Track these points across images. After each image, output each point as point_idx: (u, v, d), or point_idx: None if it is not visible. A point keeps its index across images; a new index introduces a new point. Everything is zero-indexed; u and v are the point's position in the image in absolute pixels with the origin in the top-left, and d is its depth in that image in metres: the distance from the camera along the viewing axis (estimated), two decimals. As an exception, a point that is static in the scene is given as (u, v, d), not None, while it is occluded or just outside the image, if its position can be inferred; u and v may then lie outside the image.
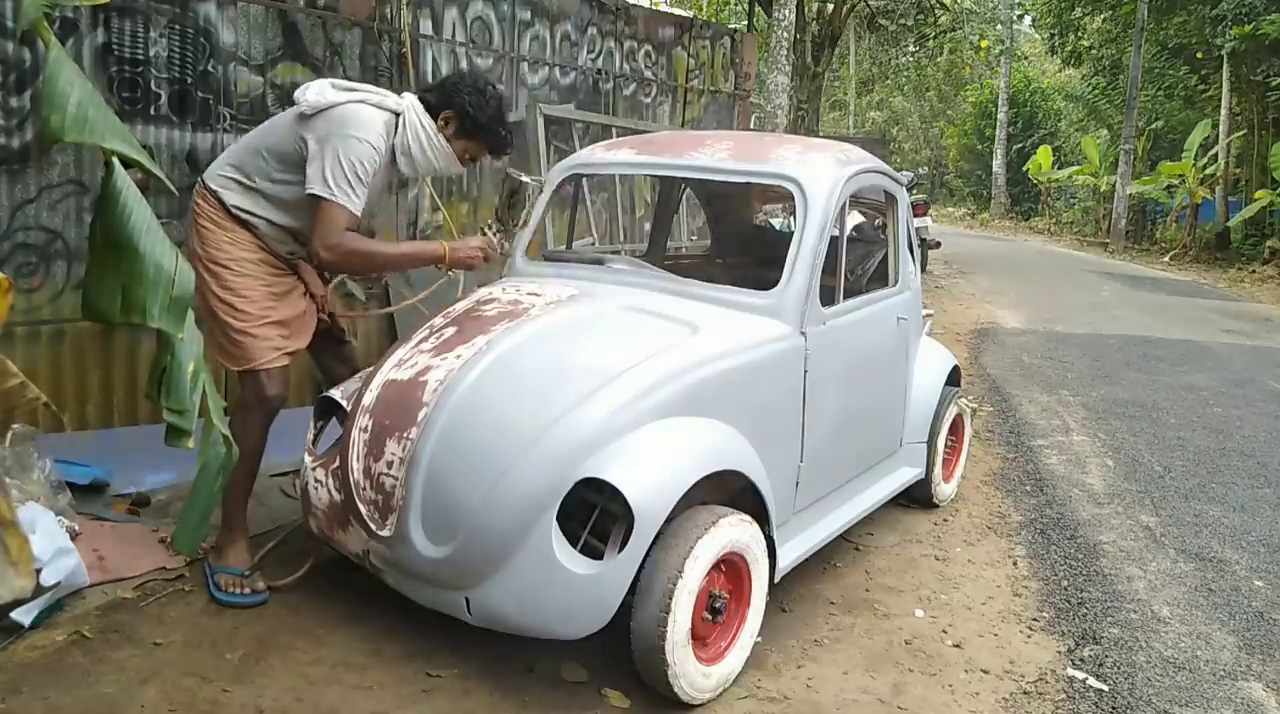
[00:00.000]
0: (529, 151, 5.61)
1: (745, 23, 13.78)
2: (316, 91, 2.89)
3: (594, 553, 2.45)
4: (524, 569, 2.43)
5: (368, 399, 2.75)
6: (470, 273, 3.35)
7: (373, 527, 2.62)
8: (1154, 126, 20.49)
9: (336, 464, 2.78)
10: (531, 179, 3.24)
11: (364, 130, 2.86)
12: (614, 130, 6.13)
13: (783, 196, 4.06)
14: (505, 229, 3.25)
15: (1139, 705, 2.77)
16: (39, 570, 2.63)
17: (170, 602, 2.94)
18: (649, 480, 2.43)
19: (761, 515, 2.76)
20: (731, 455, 2.68)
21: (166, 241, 1.89)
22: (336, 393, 3.04)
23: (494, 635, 2.58)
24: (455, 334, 2.86)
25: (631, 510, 2.35)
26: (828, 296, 3.20)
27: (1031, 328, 9.49)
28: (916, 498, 4.15)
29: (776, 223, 6.24)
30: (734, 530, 2.59)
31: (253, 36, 4.31)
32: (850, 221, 4.09)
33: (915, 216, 4.98)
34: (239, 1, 4.24)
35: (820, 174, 3.22)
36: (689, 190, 4.80)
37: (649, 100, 6.75)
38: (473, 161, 3.18)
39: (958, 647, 3.05)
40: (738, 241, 4.68)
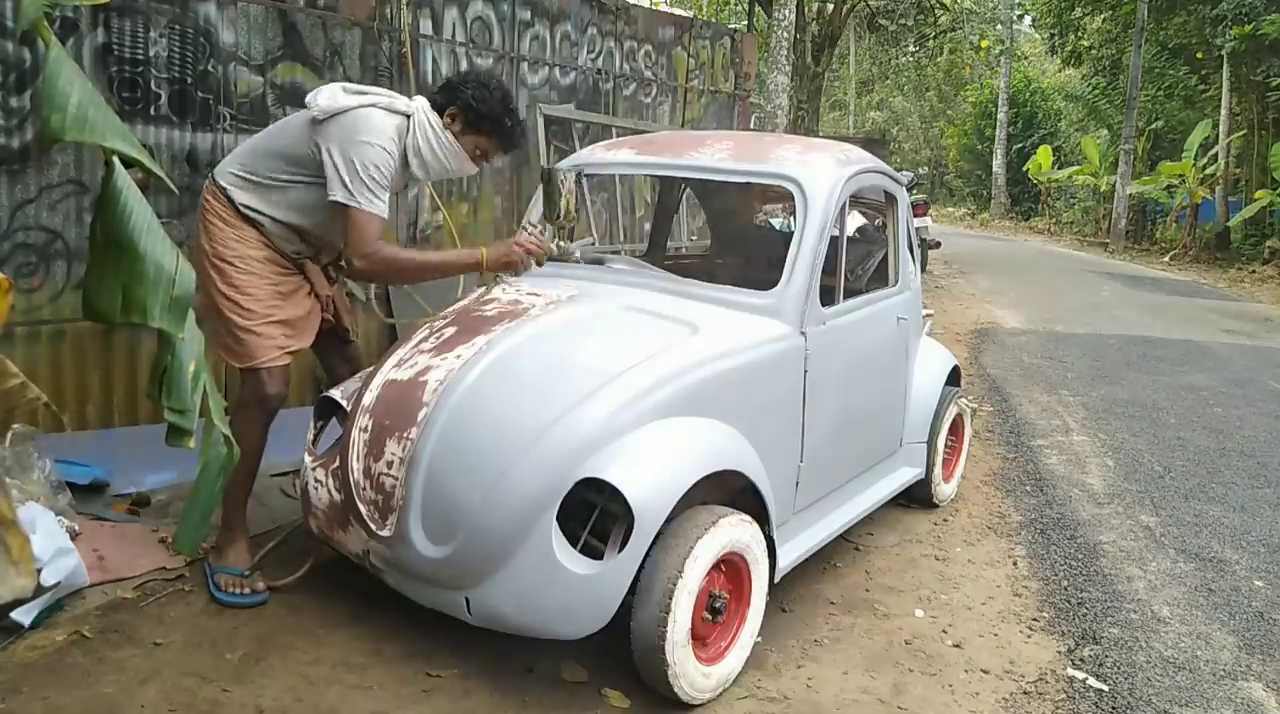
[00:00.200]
0: (529, 152, 5.61)
1: (745, 23, 13.80)
2: (328, 96, 2.89)
3: (594, 553, 2.45)
4: (524, 569, 2.43)
5: (368, 399, 2.76)
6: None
7: (373, 527, 2.62)
8: (1154, 126, 20.49)
9: (336, 464, 2.78)
10: (562, 169, 3.11)
11: (376, 135, 2.87)
12: (614, 130, 6.12)
13: (783, 196, 4.07)
14: (560, 226, 3.03)
15: (1139, 705, 2.77)
16: (39, 570, 2.63)
17: (170, 602, 2.94)
18: (649, 480, 2.43)
19: (761, 515, 2.76)
20: (731, 455, 2.68)
21: (167, 241, 1.89)
22: (336, 393, 3.04)
23: (494, 635, 2.58)
24: (455, 334, 2.86)
25: (631, 510, 2.35)
26: (828, 296, 3.21)
27: (1031, 328, 9.49)
28: (916, 498, 4.16)
29: (776, 223, 6.25)
30: (734, 530, 2.59)
31: (253, 36, 4.31)
32: (852, 223, 4.09)
33: (915, 216, 4.98)
34: (239, 1, 4.24)
35: (820, 174, 3.22)
36: (689, 190, 4.80)
37: (649, 100, 6.75)
38: (486, 159, 3.17)
39: (958, 647, 3.05)
40: (738, 241, 4.68)
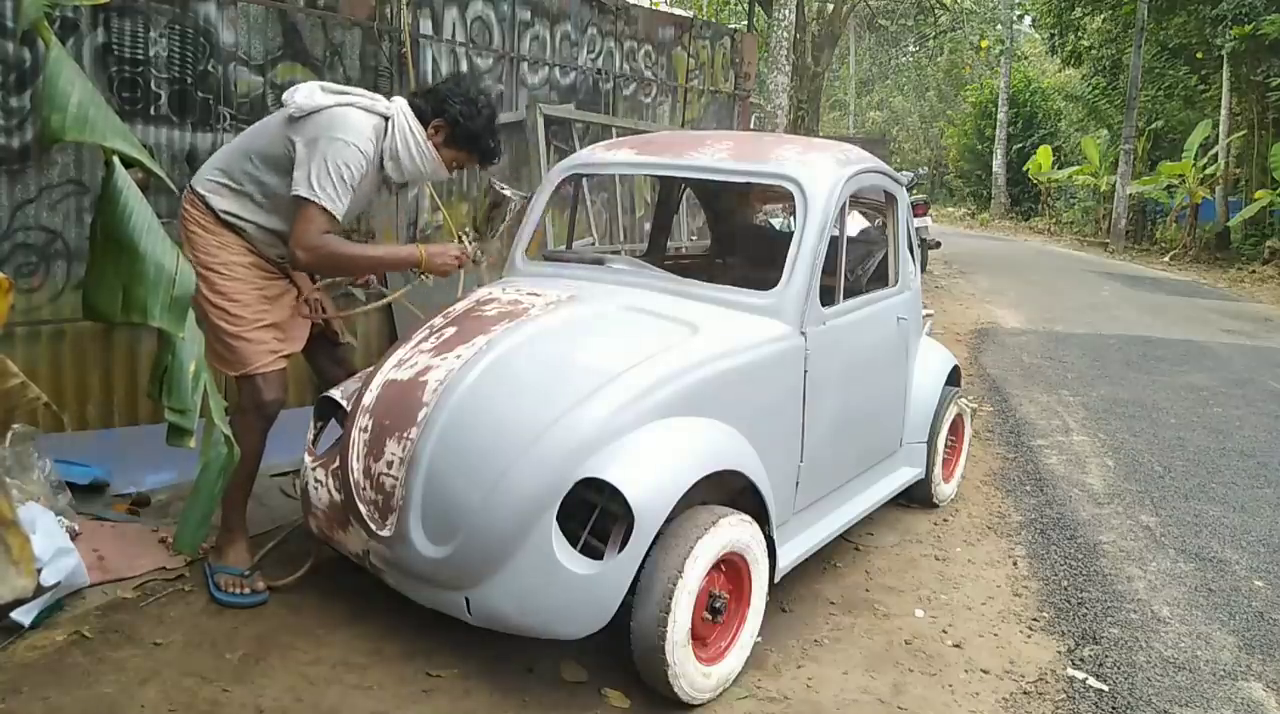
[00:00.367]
0: (529, 152, 5.61)
1: (745, 23, 13.80)
2: (305, 94, 2.87)
3: (594, 553, 2.45)
4: (524, 569, 2.43)
5: (368, 399, 2.76)
6: (461, 276, 3.34)
7: (373, 527, 2.62)
8: (1154, 126, 20.46)
9: (336, 464, 2.78)
10: (515, 194, 3.23)
11: (351, 134, 2.85)
12: (614, 130, 6.12)
13: (783, 196, 4.06)
14: (482, 238, 3.25)
15: (1139, 705, 2.77)
16: (39, 570, 2.63)
17: (170, 602, 2.94)
18: (649, 480, 2.43)
19: (761, 515, 2.76)
20: (731, 455, 2.68)
21: (167, 241, 1.89)
22: (336, 393, 3.04)
23: (494, 635, 2.58)
24: (455, 334, 2.85)
25: (631, 510, 2.35)
26: (828, 296, 3.21)
27: (1031, 328, 9.49)
28: (916, 498, 4.16)
29: (776, 223, 6.25)
30: (734, 530, 2.59)
31: (253, 36, 4.31)
32: (852, 223, 4.09)
33: (915, 216, 4.98)
34: (239, 1, 4.24)
35: (820, 174, 3.22)
36: (689, 190, 4.80)
37: (649, 100, 6.75)
38: (460, 169, 3.18)
39: (958, 647, 3.05)
40: (738, 241, 4.68)
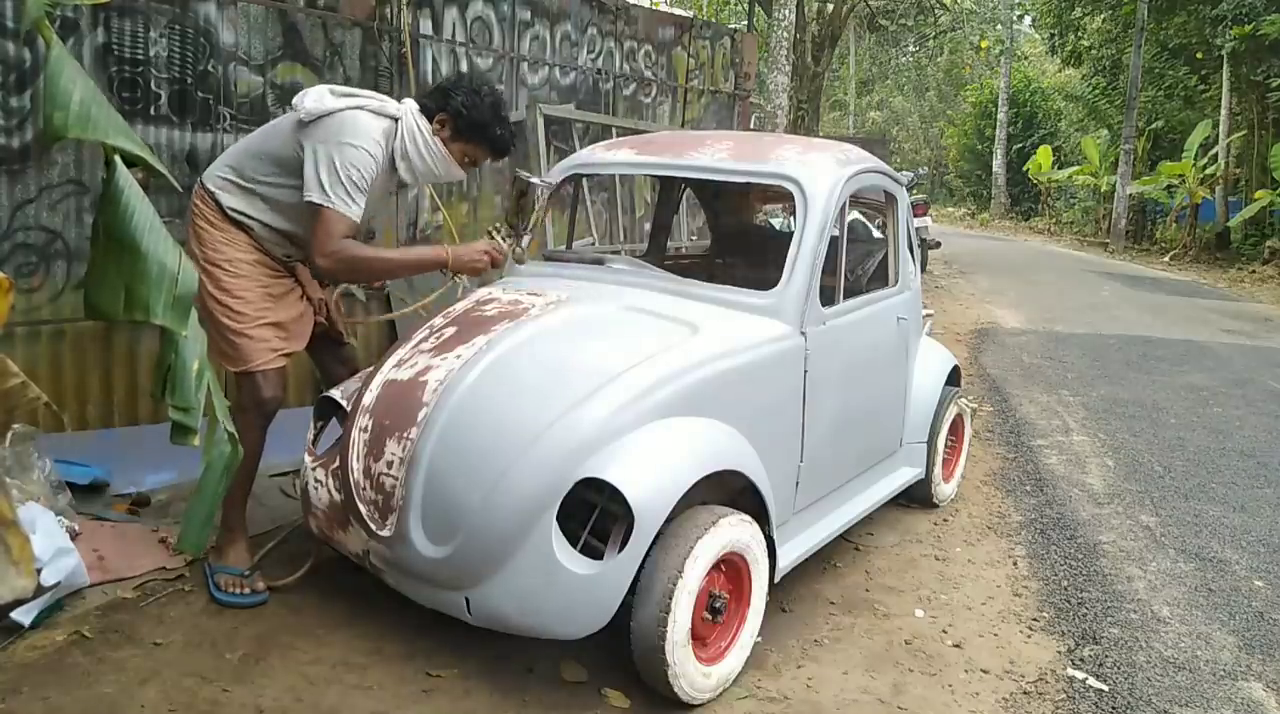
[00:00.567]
0: (529, 152, 5.61)
1: (745, 23, 13.78)
2: (315, 98, 2.88)
3: (594, 553, 2.45)
4: (524, 569, 2.43)
5: (368, 399, 2.76)
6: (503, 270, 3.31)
7: (373, 527, 2.62)
8: (1154, 126, 20.47)
9: (336, 464, 2.78)
10: (542, 181, 3.20)
11: (361, 137, 2.85)
12: (614, 130, 6.13)
13: (783, 196, 4.06)
14: (515, 232, 3.18)
15: (1139, 705, 2.77)
16: (39, 570, 2.63)
17: (170, 602, 2.94)
18: (649, 480, 2.43)
19: (761, 515, 2.76)
20: (731, 455, 2.68)
21: (169, 239, 1.89)
22: (336, 393, 3.04)
23: (494, 635, 2.58)
24: (455, 334, 2.85)
25: (631, 510, 2.35)
26: (828, 296, 3.21)
27: (1031, 328, 9.49)
28: (916, 498, 4.16)
29: (776, 223, 6.26)
30: (734, 530, 2.59)
31: (253, 36, 4.32)
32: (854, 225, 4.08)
33: (915, 216, 4.98)
34: (239, 1, 4.24)
35: (820, 174, 3.22)
36: (689, 190, 4.80)
37: (649, 100, 6.75)
38: (473, 165, 3.17)
39: (958, 647, 3.05)
40: (738, 241, 4.68)
